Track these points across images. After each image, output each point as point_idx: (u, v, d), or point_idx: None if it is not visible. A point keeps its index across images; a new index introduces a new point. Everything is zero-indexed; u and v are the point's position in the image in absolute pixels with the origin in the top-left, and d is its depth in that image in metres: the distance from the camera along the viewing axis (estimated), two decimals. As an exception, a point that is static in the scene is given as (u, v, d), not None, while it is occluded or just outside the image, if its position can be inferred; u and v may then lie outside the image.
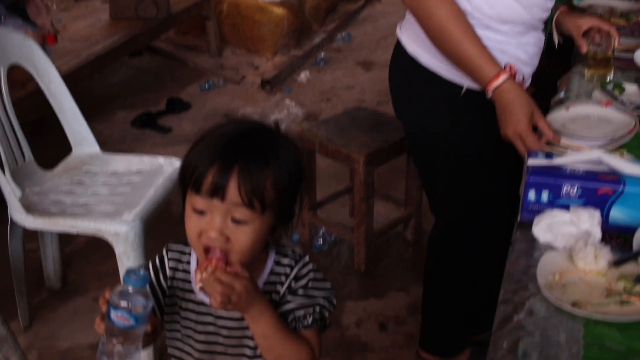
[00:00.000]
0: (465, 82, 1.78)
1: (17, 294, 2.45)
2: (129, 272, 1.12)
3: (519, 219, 1.40)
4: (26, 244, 2.43)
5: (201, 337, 1.27)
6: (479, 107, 1.81)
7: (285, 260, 1.25)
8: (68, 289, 2.74)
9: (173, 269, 1.29)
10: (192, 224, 1.16)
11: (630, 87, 1.92)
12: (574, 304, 1.16)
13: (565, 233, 1.30)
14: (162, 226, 2.33)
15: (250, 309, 1.14)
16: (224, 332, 1.25)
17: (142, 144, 3.78)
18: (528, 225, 1.39)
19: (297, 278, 1.24)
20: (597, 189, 1.33)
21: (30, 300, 2.54)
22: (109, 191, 2.37)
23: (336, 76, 4.68)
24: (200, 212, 1.14)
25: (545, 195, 1.36)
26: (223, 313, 1.23)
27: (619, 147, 1.62)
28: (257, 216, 1.13)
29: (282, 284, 1.24)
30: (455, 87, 1.81)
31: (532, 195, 1.37)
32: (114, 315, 1.10)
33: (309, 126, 2.94)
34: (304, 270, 1.24)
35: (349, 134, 2.73)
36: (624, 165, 1.39)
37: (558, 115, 1.74)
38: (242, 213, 1.12)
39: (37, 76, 2.43)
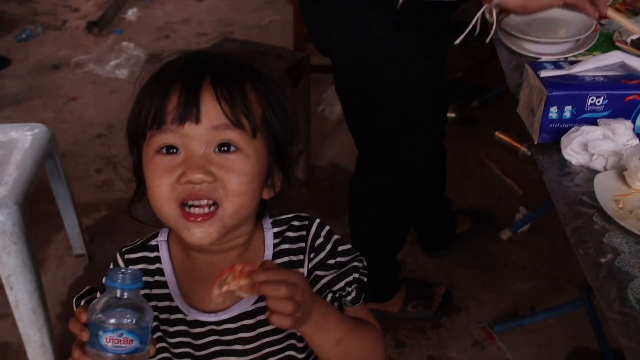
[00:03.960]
0: None
1: None
2: (111, 273, 0.78)
3: (536, 141, 1.21)
4: None
5: None
6: (417, 21, 1.59)
7: (289, 230, 0.94)
8: None
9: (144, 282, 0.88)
10: (160, 171, 0.81)
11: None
12: (654, 231, 1.01)
13: (603, 150, 1.13)
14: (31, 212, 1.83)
15: (314, 311, 0.81)
16: (238, 347, 0.92)
17: (-41, 113, 3.13)
18: (547, 147, 1.20)
19: (318, 247, 0.93)
20: (625, 97, 1.17)
21: None
22: (-43, 175, 1.85)
23: (167, 10, 4.20)
24: (170, 151, 0.82)
25: (568, 111, 1.17)
26: (230, 325, 0.90)
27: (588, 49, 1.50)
28: (249, 141, 0.83)
29: (300, 262, 0.92)
30: None
31: (554, 112, 1.17)
32: (107, 339, 0.76)
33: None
34: (323, 233, 0.94)
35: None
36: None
37: (513, 19, 1.57)
38: (228, 136, 0.81)
39: None
